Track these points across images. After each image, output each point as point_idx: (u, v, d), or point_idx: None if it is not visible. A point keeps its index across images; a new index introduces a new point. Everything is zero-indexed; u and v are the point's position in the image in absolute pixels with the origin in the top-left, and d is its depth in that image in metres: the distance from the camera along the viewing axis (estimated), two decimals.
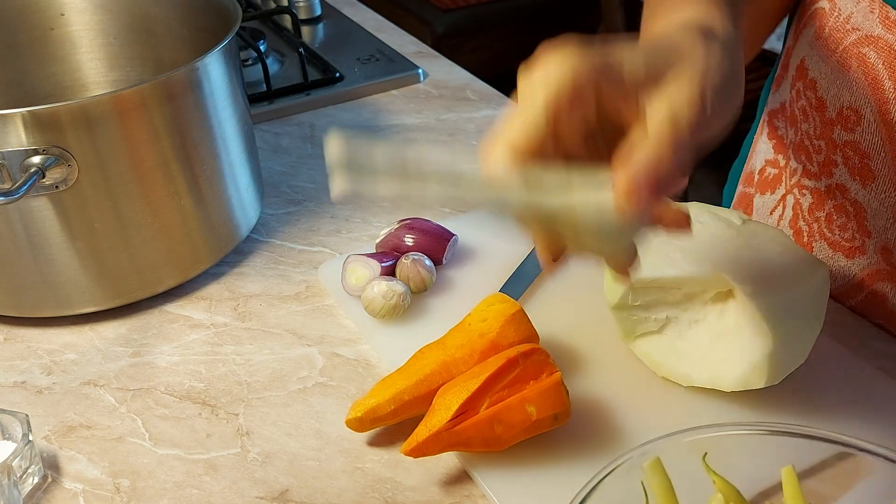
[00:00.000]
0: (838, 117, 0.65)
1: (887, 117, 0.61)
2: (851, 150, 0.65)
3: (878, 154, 0.63)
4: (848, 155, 0.65)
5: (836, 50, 0.63)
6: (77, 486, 0.58)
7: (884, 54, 0.60)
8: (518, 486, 0.54)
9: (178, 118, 0.68)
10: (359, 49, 1.16)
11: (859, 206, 0.66)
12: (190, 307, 0.73)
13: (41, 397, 0.65)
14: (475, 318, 0.61)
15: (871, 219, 0.66)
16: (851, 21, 0.62)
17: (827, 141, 0.66)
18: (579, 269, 0.74)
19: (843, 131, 0.65)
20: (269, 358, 0.67)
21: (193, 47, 0.81)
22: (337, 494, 0.56)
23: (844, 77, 0.63)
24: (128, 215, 0.68)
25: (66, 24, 0.84)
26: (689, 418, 0.59)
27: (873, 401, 0.60)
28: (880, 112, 0.61)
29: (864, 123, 0.63)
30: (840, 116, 0.65)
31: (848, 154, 0.65)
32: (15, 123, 0.61)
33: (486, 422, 0.54)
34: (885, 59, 0.59)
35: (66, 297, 0.69)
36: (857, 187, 0.66)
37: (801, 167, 0.71)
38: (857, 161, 0.65)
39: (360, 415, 0.57)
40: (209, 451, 0.60)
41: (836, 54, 0.63)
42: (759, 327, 0.55)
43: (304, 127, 1.00)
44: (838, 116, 0.65)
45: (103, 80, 0.87)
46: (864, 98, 0.62)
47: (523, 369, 0.55)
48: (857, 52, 0.61)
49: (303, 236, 0.81)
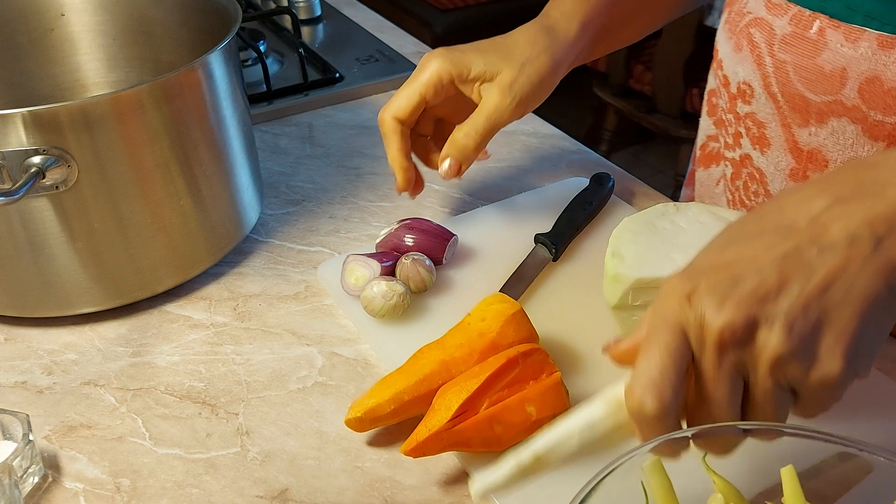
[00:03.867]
0: (738, 92, 0.72)
1: (770, 89, 0.68)
2: (751, 122, 0.71)
3: (770, 123, 0.69)
4: (749, 126, 0.72)
5: (735, 31, 0.71)
6: (77, 485, 0.58)
7: (765, 34, 0.67)
8: (518, 487, 0.54)
9: (177, 119, 0.68)
10: (358, 49, 1.16)
11: (762, 172, 0.72)
12: (190, 307, 0.73)
13: (41, 397, 0.65)
14: (475, 318, 0.61)
15: (770, 183, 0.72)
16: (748, 6, 0.69)
17: (734, 114, 0.73)
18: (579, 269, 0.74)
19: (743, 104, 0.72)
20: (269, 358, 0.67)
21: (193, 48, 0.81)
22: (336, 494, 0.56)
23: (739, 55, 0.70)
24: (128, 215, 0.68)
25: (65, 24, 0.84)
26: None
27: (873, 401, 0.60)
28: (764, 85, 0.68)
29: (755, 96, 0.70)
30: (739, 91, 0.72)
31: (749, 125, 0.72)
32: (15, 124, 0.61)
33: (485, 422, 0.54)
34: (766, 38, 0.67)
35: (66, 297, 0.69)
36: (757, 155, 0.72)
37: (723, 141, 0.77)
38: (755, 131, 0.71)
39: (359, 414, 0.57)
40: (209, 451, 0.60)
41: (735, 35, 0.71)
42: None
43: (304, 127, 1.00)
44: (738, 91, 0.72)
45: (103, 80, 0.87)
46: (753, 73, 0.69)
47: (523, 369, 0.55)
48: (747, 33, 0.69)
49: (302, 236, 0.81)
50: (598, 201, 0.80)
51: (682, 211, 0.63)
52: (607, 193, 0.82)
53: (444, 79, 0.69)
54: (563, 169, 0.91)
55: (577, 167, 0.91)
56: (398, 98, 0.70)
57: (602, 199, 0.81)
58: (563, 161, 0.92)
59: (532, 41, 0.71)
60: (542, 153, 0.93)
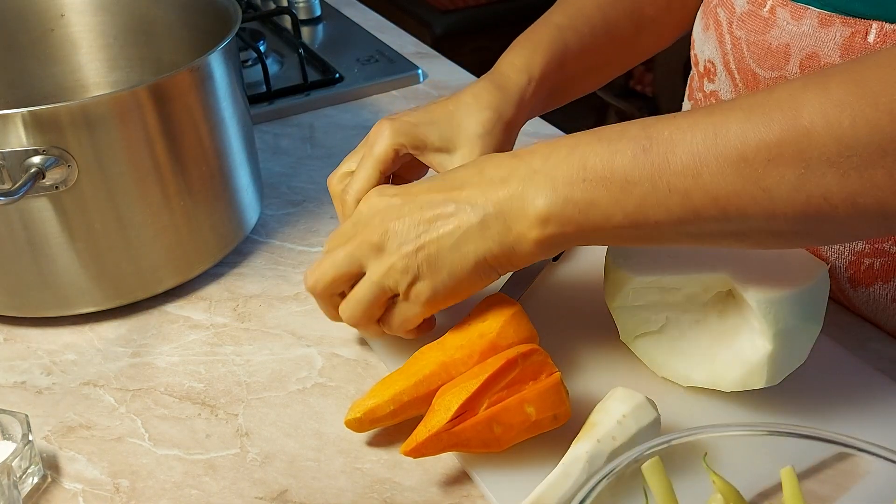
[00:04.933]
0: (704, 70, 0.74)
1: (728, 66, 0.70)
2: (714, 100, 0.73)
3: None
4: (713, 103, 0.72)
5: (706, 11, 0.74)
6: (77, 486, 0.58)
7: (728, 12, 0.70)
8: (518, 486, 0.54)
9: (177, 119, 0.68)
10: (359, 49, 1.16)
11: None
12: (190, 307, 0.73)
13: (41, 397, 0.65)
14: (475, 319, 0.61)
15: None
16: None
17: (702, 93, 0.76)
18: (579, 269, 0.74)
19: (709, 82, 0.74)
20: (269, 358, 0.67)
21: (193, 48, 0.81)
22: (336, 495, 0.56)
23: (706, 34, 0.73)
24: (128, 216, 0.68)
25: (66, 24, 0.85)
26: (689, 418, 0.59)
27: (873, 401, 0.60)
28: (724, 63, 0.71)
29: (717, 74, 0.72)
30: (705, 69, 0.74)
31: (712, 103, 0.72)
32: (15, 124, 0.61)
33: (485, 422, 0.54)
34: (727, 17, 0.69)
35: (66, 297, 0.69)
36: None
37: None
38: None
39: (359, 415, 0.57)
40: (208, 452, 0.60)
41: (705, 16, 0.74)
42: (758, 328, 0.55)
43: (304, 128, 1.00)
44: (704, 70, 0.74)
45: (103, 80, 0.87)
46: (715, 51, 0.72)
47: (523, 370, 0.55)
48: (714, 12, 0.72)
49: (302, 237, 0.81)
50: None
51: None
52: None
53: (401, 151, 0.65)
54: None
55: None
56: (357, 179, 0.65)
57: None
58: None
59: (480, 99, 0.67)
60: None
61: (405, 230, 0.56)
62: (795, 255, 0.58)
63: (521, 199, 0.54)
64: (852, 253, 0.66)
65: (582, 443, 0.52)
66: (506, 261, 0.56)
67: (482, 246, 0.55)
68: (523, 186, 0.54)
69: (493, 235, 0.55)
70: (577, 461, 0.51)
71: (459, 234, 0.55)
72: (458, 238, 0.55)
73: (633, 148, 0.50)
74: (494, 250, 0.55)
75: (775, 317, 0.54)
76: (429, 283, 0.57)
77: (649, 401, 0.54)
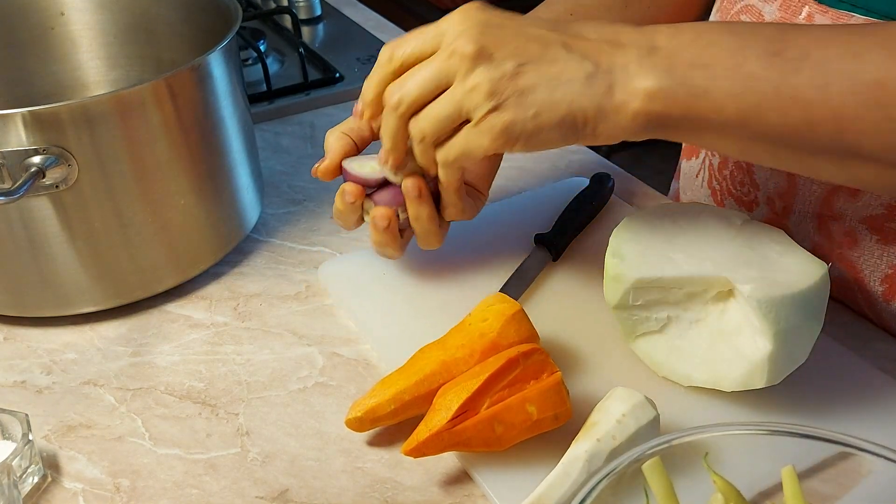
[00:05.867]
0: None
1: None
2: None
3: None
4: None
5: (726, 18, 0.72)
6: (77, 485, 0.57)
7: (755, 20, 0.69)
8: (518, 486, 0.54)
9: (178, 118, 0.68)
10: (359, 49, 1.16)
11: (748, 162, 0.73)
12: (190, 307, 0.73)
13: (41, 397, 0.65)
14: (475, 318, 0.61)
15: (756, 171, 0.73)
16: None
17: None
18: (579, 268, 0.74)
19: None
20: (269, 358, 0.67)
21: (194, 47, 0.81)
22: (337, 494, 0.56)
23: None
24: (128, 215, 0.68)
25: (66, 23, 0.84)
26: (690, 418, 0.59)
27: (873, 401, 0.60)
28: None
29: None
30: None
31: None
32: (15, 123, 0.61)
33: (486, 422, 0.54)
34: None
35: (66, 296, 0.69)
36: None
37: None
38: None
39: (360, 415, 0.57)
40: (209, 451, 0.60)
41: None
42: (759, 327, 0.55)
43: (305, 127, 1.00)
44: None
45: (103, 79, 0.87)
46: None
47: (524, 369, 0.55)
48: (738, 20, 0.70)
49: (303, 236, 0.81)
50: (598, 201, 0.80)
51: (682, 211, 0.63)
52: (607, 193, 0.82)
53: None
54: (563, 169, 0.91)
55: (578, 167, 0.91)
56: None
57: (602, 200, 0.81)
58: (563, 161, 0.92)
59: None
60: (542, 153, 0.93)
61: (507, 53, 0.52)
62: (796, 255, 0.58)
63: (637, 69, 0.51)
64: (889, 267, 0.66)
65: (582, 442, 0.52)
66: (594, 126, 0.52)
67: (579, 100, 0.52)
68: (641, 58, 0.51)
69: (594, 94, 0.51)
70: (576, 461, 0.51)
71: (563, 79, 0.51)
72: (560, 83, 0.52)
73: (764, 46, 0.49)
74: (589, 110, 0.52)
75: (776, 316, 0.54)
76: (510, 115, 0.52)
77: (648, 400, 0.54)
